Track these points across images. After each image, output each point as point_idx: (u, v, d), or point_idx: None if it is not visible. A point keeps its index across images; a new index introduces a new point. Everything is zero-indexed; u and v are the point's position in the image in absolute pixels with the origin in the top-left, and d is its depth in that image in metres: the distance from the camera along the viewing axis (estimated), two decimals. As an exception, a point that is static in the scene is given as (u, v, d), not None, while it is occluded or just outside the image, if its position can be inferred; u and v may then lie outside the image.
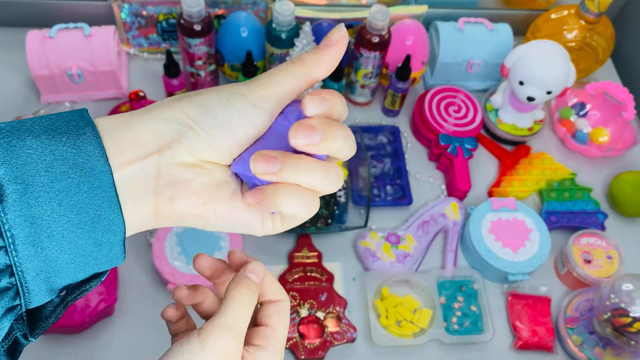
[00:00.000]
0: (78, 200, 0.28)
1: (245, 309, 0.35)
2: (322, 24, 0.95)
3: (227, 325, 0.34)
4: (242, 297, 0.36)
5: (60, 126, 0.28)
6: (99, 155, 0.28)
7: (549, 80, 0.88)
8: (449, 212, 0.88)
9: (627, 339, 0.73)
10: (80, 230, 0.28)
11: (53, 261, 0.28)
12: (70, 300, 0.31)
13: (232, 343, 0.34)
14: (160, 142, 0.30)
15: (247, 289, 0.36)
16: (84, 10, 1.00)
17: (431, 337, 0.78)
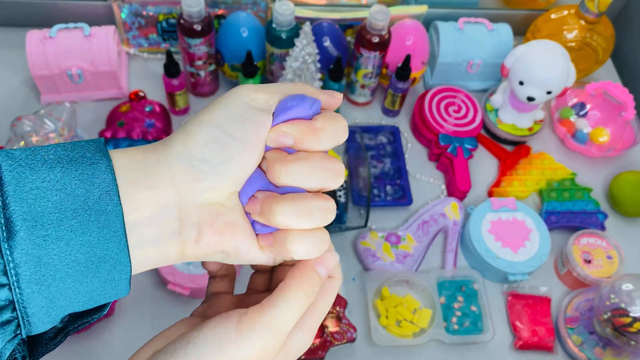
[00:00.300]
0: (86, 240, 0.27)
1: (300, 310, 0.31)
2: (322, 24, 0.95)
3: (272, 325, 0.30)
4: (301, 295, 0.31)
5: (75, 158, 0.28)
6: (111, 193, 0.28)
7: (549, 80, 0.88)
8: (449, 212, 0.88)
9: (627, 339, 0.73)
10: (86, 269, 0.27)
11: (56, 297, 0.27)
12: (71, 330, 0.31)
13: (271, 344, 0.30)
14: (177, 182, 0.29)
15: (309, 288, 0.31)
16: (84, 10, 1.00)
17: (431, 337, 0.78)
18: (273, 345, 0.30)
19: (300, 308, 0.31)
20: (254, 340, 0.30)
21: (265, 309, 0.30)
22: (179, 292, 0.76)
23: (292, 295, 0.31)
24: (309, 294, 0.31)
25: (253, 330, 0.30)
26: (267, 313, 0.30)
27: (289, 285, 0.31)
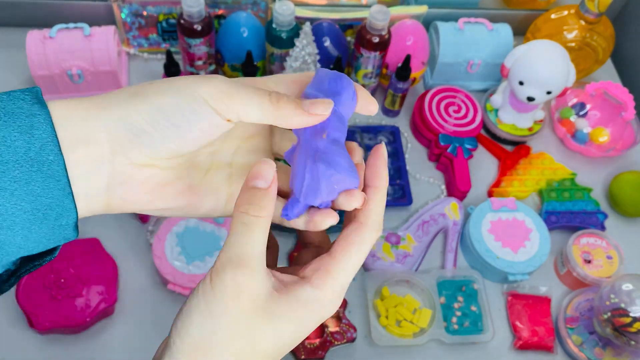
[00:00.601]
0: (30, 190, 0.28)
1: (250, 233, 0.30)
2: (322, 24, 0.95)
3: (230, 258, 0.30)
4: (243, 218, 0.31)
5: (13, 110, 0.29)
6: (52, 144, 0.29)
7: (548, 80, 0.88)
8: (449, 212, 0.88)
9: (627, 339, 0.73)
10: (33, 217, 0.29)
11: (6, 244, 0.29)
12: (23, 272, 0.32)
13: (242, 276, 0.30)
14: (114, 143, 0.30)
15: (247, 205, 0.31)
16: (84, 11, 1.00)
17: (431, 337, 0.78)
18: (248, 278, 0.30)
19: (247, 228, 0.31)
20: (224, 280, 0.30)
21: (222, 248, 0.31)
22: (179, 292, 0.76)
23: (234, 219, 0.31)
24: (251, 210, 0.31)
25: (218, 272, 0.30)
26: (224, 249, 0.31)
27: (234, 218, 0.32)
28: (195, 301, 0.31)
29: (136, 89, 0.31)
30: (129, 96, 0.31)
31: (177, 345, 0.31)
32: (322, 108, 0.32)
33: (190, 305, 0.31)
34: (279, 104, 0.32)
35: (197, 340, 0.30)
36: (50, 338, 0.75)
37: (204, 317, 0.30)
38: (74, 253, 0.77)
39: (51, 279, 0.74)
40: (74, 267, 0.76)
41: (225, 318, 0.30)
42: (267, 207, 0.31)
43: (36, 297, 0.73)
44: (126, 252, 0.82)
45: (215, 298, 0.30)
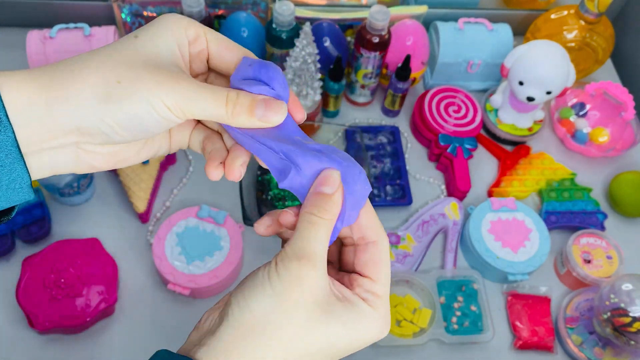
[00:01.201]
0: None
1: (315, 232, 0.34)
2: (322, 24, 0.95)
3: (296, 250, 0.34)
4: (310, 218, 0.35)
5: None
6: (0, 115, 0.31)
7: (548, 81, 0.88)
8: (449, 212, 0.88)
9: (627, 338, 0.73)
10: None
11: None
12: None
13: (307, 269, 0.33)
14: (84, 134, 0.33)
15: (315, 208, 0.35)
16: (84, 11, 1.00)
17: (431, 337, 0.78)
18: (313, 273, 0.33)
19: (315, 228, 0.34)
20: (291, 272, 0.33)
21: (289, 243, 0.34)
22: (179, 292, 0.76)
23: (302, 220, 0.35)
24: (319, 212, 0.35)
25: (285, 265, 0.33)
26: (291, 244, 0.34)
27: (300, 214, 0.35)
28: (261, 280, 0.34)
29: (106, 88, 0.33)
30: (102, 99, 0.33)
31: (235, 316, 0.33)
32: (275, 116, 0.35)
33: (255, 283, 0.34)
34: (233, 113, 0.35)
35: (256, 315, 0.33)
36: (50, 338, 0.75)
37: (267, 296, 0.33)
38: (74, 253, 0.77)
39: (51, 279, 0.74)
40: (74, 267, 0.76)
41: (286, 304, 0.33)
42: (331, 210, 0.35)
43: (36, 297, 0.73)
44: (126, 252, 0.82)
45: (281, 282, 0.33)
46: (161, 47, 0.35)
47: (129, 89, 0.33)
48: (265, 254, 0.84)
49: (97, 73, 0.33)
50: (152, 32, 0.35)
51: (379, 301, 0.35)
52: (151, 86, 0.33)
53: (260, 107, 0.35)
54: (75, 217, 0.85)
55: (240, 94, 0.35)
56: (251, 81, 0.36)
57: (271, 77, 0.36)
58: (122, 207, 0.87)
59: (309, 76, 0.86)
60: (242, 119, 0.35)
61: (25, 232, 0.81)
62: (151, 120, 0.34)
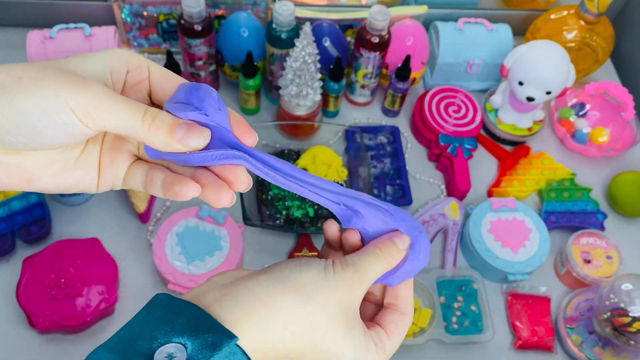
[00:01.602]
0: None
1: (377, 262, 0.37)
2: (322, 24, 0.95)
3: (356, 265, 0.36)
4: (376, 251, 0.37)
5: None
6: None
7: (548, 81, 0.89)
8: (449, 212, 0.88)
9: (627, 338, 0.73)
10: None
11: None
12: None
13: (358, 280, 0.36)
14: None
15: (384, 249, 0.38)
16: (84, 11, 1.00)
17: (431, 337, 0.78)
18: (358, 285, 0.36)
19: (377, 261, 0.37)
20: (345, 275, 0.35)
21: (352, 255, 0.37)
22: (179, 292, 0.76)
23: (373, 249, 0.38)
24: (386, 255, 0.38)
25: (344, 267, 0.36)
26: (353, 257, 0.37)
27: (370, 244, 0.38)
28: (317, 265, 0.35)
29: (4, 80, 0.30)
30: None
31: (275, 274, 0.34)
32: (195, 141, 0.33)
33: (311, 264, 0.35)
34: (150, 128, 0.32)
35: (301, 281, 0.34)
36: (50, 338, 0.75)
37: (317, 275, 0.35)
38: (74, 253, 0.77)
39: (51, 278, 0.74)
40: (74, 267, 0.76)
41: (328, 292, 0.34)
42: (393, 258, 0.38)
43: (36, 297, 0.73)
44: (126, 252, 0.82)
45: (334, 275, 0.35)
46: (89, 65, 0.33)
47: (30, 85, 0.30)
48: (266, 253, 0.85)
49: (3, 67, 0.30)
50: (86, 55, 0.33)
51: (384, 355, 0.38)
52: (56, 86, 0.30)
53: (181, 129, 0.32)
54: (75, 217, 0.85)
55: (161, 112, 0.33)
56: (182, 105, 0.34)
57: (201, 98, 0.34)
58: (122, 207, 0.87)
59: (309, 76, 0.86)
60: (159, 135, 0.32)
61: (25, 232, 0.81)
62: (48, 123, 0.30)
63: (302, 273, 0.34)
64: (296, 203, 0.87)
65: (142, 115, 0.32)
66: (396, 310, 0.40)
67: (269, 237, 0.86)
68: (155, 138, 0.32)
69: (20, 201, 0.81)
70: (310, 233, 0.85)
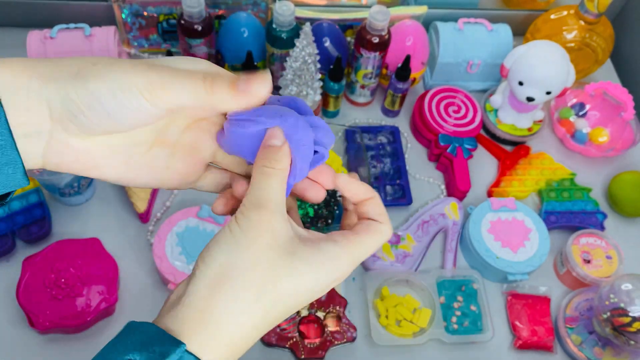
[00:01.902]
0: None
1: (270, 181, 0.35)
2: (322, 24, 0.95)
3: (252, 201, 0.34)
4: (263, 170, 0.35)
5: None
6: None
7: (548, 81, 0.89)
8: (449, 212, 0.88)
9: (627, 338, 0.73)
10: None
11: None
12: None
13: (266, 216, 0.34)
14: (54, 116, 0.32)
15: (267, 160, 0.35)
16: (84, 11, 1.00)
17: (431, 337, 0.78)
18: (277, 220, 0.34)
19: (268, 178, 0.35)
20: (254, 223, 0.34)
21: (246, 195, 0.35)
22: (179, 291, 0.76)
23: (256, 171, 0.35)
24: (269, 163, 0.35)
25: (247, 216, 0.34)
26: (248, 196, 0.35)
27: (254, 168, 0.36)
28: (223, 235, 0.34)
29: (79, 68, 0.32)
30: (71, 76, 0.32)
31: (202, 270, 0.34)
32: (257, 86, 0.34)
33: (218, 238, 0.35)
34: (213, 89, 0.33)
35: (222, 267, 0.33)
36: (50, 338, 0.75)
37: (230, 247, 0.34)
38: (74, 253, 0.77)
39: (51, 278, 0.74)
40: (74, 267, 0.76)
41: (249, 250, 0.33)
42: (281, 160, 0.35)
43: (36, 297, 0.73)
44: (126, 252, 0.82)
45: (242, 232, 0.34)
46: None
47: (101, 70, 0.32)
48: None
49: (80, 57, 0.33)
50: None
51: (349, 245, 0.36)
52: (124, 69, 0.32)
53: (241, 80, 0.34)
54: (75, 217, 0.85)
55: (219, 72, 0.34)
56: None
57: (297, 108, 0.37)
58: (122, 207, 0.87)
59: (309, 76, 0.86)
60: (223, 94, 0.33)
61: (26, 232, 0.81)
62: (116, 105, 0.32)
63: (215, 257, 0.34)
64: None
65: (202, 80, 0.33)
66: (363, 201, 0.39)
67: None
68: (220, 99, 0.34)
69: (20, 201, 0.81)
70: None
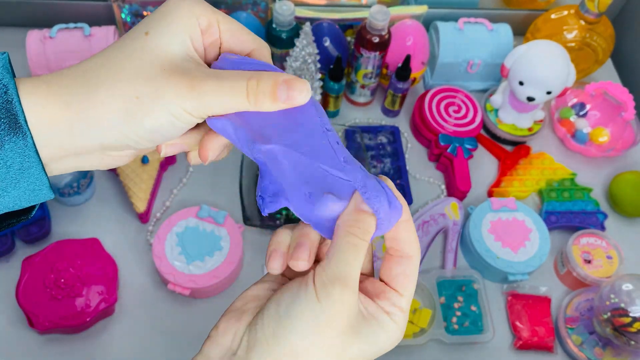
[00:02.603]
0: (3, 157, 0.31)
1: (357, 254, 0.33)
2: (322, 24, 0.95)
3: (338, 275, 0.32)
4: (353, 240, 0.33)
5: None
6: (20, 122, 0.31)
7: (548, 81, 0.88)
8: (449, 212, 0.88)
9: (627, 338, 0.73)
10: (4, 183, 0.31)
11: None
12: (2, 227, 0.35)
13: (348, 295, 0.32)
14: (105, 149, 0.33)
15: (358, 229, 0.33)
16: (84, 10, 1.00)
17: (431, 337, 0.78)
18: (350, 295, 0.32)
19: (357, 251, 0.33)
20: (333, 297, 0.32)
21: (329, 264, 0.32)
22: (179, 292, 0.76)
23: (344, 241, 0.33)
24: (361, 235, 0.33)
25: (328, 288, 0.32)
26: (332, 266, 0.32)
27: (339, 233, 0.33)
28: (298, 306, 0.32)
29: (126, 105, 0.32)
30: (122, 117, 0.32)
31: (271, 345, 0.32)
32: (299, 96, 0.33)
33: (293, 313, 0.32)
34: (257, 100, 0.33)
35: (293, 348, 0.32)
36: (50, 338, 0.75)
37: (306, 328, 0.32)
38: (74, 253, 0.77)
39: (51, 279, 0.74)
40: (74, 267, 0.76)
41: (326, 331, 0.32)
42: (372, 231, 0.33)
43: (36, 297, 0.73)
44: (126, 252, 0.82)
45: (322, 309, 0.32)
46: (174, 45, 0.33)
47: (149, 104, 0.32)
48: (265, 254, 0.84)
49: (114, 92, 0.32)
50: (164, 27, 0.33)
51: (402, 316, 0.35)
52: (171, 97, 0.32)
53: (282, 89, 0.33)
54: (75, 217, 0.85)
55: (260, 81, 0.33)
56: None
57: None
58: (122, 207, 0.86)
59: (309, 76, 0.86)
60: (266, 106, 0.33)
61: (25, 232, 0.81)
62: (174, 129, 0.33)
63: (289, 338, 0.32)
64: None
65: (245, 95, 0.33)
66: (401, 257, 0.36)
67: (269, 237, 0.86)
68: (262, 108, 0.34)
69: (20, 201, 0.81)
70: (310, 233, 0.85)
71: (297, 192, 0.34)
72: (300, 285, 0.33)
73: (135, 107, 0.32)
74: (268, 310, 0.33)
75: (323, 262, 0.33)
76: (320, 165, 0.34)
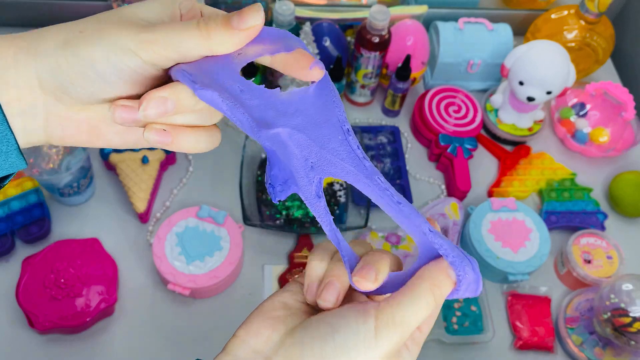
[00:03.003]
0: None
1: (426, 311, 0.33)
2: (322, 24, 0.95)
3: (404, 323, 0.33)
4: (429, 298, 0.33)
5: None
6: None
7: (549, 81, 0.88)
8: (449, 212, 0.88)
9: (627, 339, 0.73)
10: None
11: None
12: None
13: (403, 340, 0.33)
14: (46, 89, 0.31)
15: (439, 289, 0.33)
16: (84, 10, 1.00)
17: (431, 337, 0.78)
18: (401, 341, 0.33)
19: (428, 307, 0.33)
20: (391, 339, 0.32)
21: (398, 306, 0.33)
22: (179, 292, 0.76)
23: (423, 294, 0.33)
24: (438, 297, 0.33)
25: (389, 331, 0.32)
26: (401, 310, 0.33)
27: (420, 284, 0.33)
28: (356, 340, 0.32)
29: (67, 36, 0.31)
30: (60, 45, 0.31)
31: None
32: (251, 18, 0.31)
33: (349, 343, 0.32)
34: (209, 34, 0.31)
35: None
36: (50, 338, 0.75)
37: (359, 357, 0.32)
38: (74, 253, 0.77)
39: (51, 279, 0.74)
40: (74, 267, 0.76)
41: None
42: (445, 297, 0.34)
43: (36, 297, 0.73)
44: (126, 252, 0.82)
45: (377, 346, 0.32)
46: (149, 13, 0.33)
47: (91, 36, 0.31)
48: (266, 253, 0.84)
49: (64, 26, 0.32)
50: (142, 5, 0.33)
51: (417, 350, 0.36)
52: (115, 31, 0.31)
53: (235, 17, 0.31)
54: (75, 217, 0.85)
55: (210, 14, 0.32)
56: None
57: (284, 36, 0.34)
58: (122, 207, 0.86)
59: (309, 76, 0.86)
60: (220, 35, 0.31)
61: (25, 232, 0.81)
62: (114, 69, 0.31)
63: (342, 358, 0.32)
64: (296, 203, 0.87)
65: (197, 29, 0.31)
66: None
67: (269, 237, 0.86)
68: (218, 42, 0.32)
69: (20, 201, 0.81)
70: (310, 233, 0.85)
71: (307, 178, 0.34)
72: (359, 316, 0.33)
73: (76, 39, 0.31)
74: (318, 330, 0.33)
75: (391, 300, 0.33)
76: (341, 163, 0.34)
